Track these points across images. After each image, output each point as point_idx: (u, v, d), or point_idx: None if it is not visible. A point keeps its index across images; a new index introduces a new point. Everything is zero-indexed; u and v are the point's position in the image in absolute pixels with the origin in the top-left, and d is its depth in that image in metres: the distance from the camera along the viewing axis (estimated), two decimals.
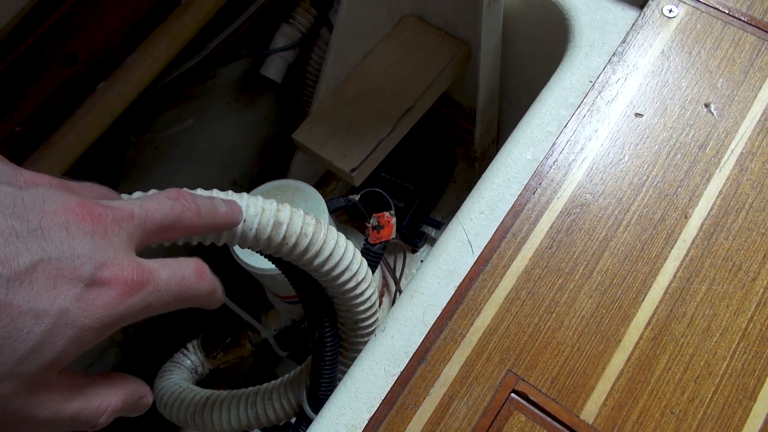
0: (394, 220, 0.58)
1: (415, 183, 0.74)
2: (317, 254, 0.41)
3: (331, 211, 0.57)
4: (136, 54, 0.53)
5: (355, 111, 0.62)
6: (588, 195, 0.44)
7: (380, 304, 0.70)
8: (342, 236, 0.44)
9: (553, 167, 0.45)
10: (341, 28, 0.61)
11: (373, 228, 0.58)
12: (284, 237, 0.39)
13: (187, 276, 0.27)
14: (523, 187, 0.45)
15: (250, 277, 0.57)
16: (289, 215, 0.39)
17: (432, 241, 0.76)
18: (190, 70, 0.65)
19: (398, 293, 0.69)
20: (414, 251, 0.75)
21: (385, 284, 0.69)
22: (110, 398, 0.26)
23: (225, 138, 0.86)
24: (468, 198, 0.48)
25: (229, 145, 0.87)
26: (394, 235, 0.57)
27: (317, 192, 0.56)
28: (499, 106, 0.70)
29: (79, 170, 0.56)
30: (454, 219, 0.47)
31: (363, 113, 0.61)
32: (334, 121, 0.61)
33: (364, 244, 0.57)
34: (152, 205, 0.27)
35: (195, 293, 0.28)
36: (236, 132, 0.86)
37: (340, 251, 0.43)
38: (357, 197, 0.59)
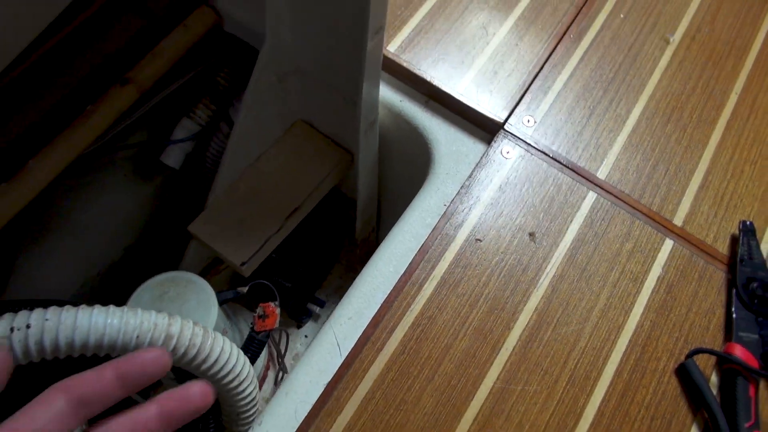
0: (278, 311, 0.65)
1: (304, 264, 0.82)
2: (204, 361, 0.47)
3: (221, 303, 0.63)
4: (39, 157, 0.57)
5: (248, 208, 0.69)
6: (435, 309, 0.54)
7: (265, 377, 0.76)
8: (227, 341, 0.50)
9: (409, 283, 0.55)
10: (239, 131, 0.68)
11: (259, 317, 0.65)
12: (174, 348, 0.45)
13: None
14: (384, 298, 0.55)
15: None
16: (179, 328, 0.45)
17: (316, 318, 0.83)
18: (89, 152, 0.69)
19: (281, 372, 0.75)
20: (299, 326, 0.82)
21: (270, 359, 0.76)
22: None
23: (120, 208, 0.89)
24: (340, 303, 0.56)
25: (124, 214, 0.90)
26: (277, 325, 0.64)
27: (208, 285, 0.62)
28: (379, 202, 0.80)
29: None
30: (326, 322, 0.55)
31: (254, 210, 0.68)
32: (227, 216, 0.68)
33: (249, 332, 0.64)
34: None
35: None
36: (132, 203, 0.89)
37: (225, 356, 0.49)
38: (245, 289, 0.65)
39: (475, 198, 0.60)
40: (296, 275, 0.81)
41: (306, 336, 0.82)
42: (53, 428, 0.27)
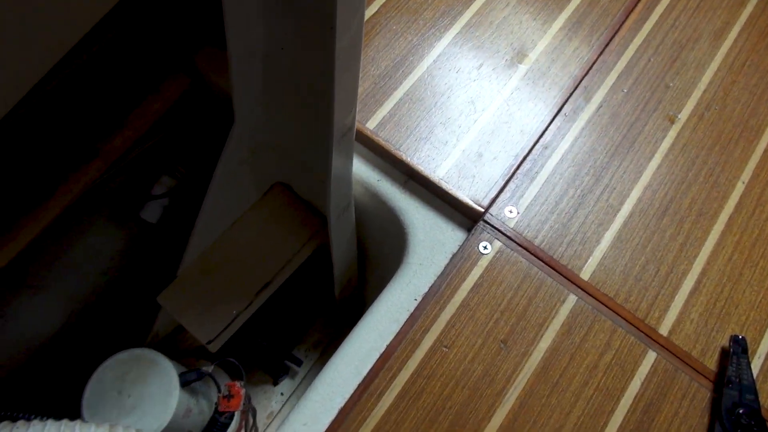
0: (243, 392, 0.63)
1: (282, 322, 0.80)
2: None
3: (183, 385, 0.62)
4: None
5: (218, 280, 0.67)
6: (393, 424, 0.52)
7: None
8: None
9: (366, 393, 0.52)
10: (211, 200, 0.66)
11: (224, 396, 0.63)
12: None
13: None
14: (342, 406, 0.52)
15: None
16: None
17: (293, 375, 0.82)
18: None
19: None
20: (276, 383, 0.81)
21: (243, 426, 0.75)
22: None
23: (104, 248, 0.88)
24: (295, 408, 0.54)
25: (110, 253, 0.90)
26: (242, 407, 0.63)
27: (172, 367, 0.61)
28: (365, 255, 0.77)
29: None
30: (282, 425, 0.53)
31: (225, 283, 0.66)
32: (196, 289, 0.66)
33: (213, 414, 0.62)
34: None
35: None
36: (113, 245, 0.88)
37: None
38: (211, 368, 0.64)
39: (447, 298, 0.56)
40: (274, 333, 0.79)
41: (282, 393, 0.81)
42: None
